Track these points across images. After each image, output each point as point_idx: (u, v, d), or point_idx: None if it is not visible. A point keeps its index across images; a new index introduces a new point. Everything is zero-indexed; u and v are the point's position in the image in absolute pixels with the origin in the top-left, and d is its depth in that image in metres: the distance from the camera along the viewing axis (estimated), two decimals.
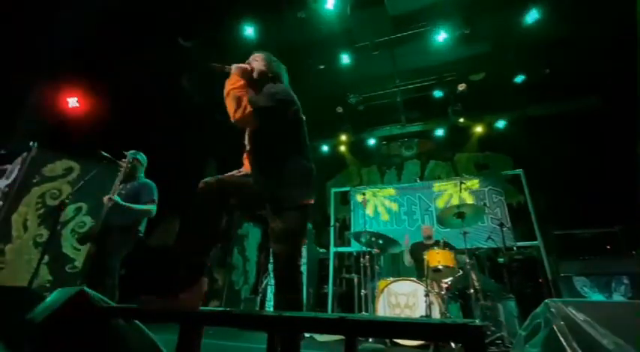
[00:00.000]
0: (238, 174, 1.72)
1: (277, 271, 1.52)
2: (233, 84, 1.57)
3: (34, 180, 4.04)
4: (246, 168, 1.75)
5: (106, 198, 2.73)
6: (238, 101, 1.51)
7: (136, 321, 1.41)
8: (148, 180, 3.05)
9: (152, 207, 2.89)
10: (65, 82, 4.73)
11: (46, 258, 3.76)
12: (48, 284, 3.78)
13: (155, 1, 4.45)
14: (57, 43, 4.26)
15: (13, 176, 3.94)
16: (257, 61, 1.77)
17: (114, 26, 4.50)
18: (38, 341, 1.28)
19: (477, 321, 0.74)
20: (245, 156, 1.77)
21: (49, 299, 1.45)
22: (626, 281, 3.94)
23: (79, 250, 4.11)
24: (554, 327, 0.95)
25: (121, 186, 2.97)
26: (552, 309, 1.00)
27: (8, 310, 1.54)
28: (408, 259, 4.34)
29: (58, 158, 4.24)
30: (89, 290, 1.36)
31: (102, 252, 2.68)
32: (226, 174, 1.69)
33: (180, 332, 1.13)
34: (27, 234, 3.89)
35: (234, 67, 1.67)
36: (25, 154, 4.02)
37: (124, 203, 2.74)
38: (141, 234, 2.87)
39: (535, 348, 1.00)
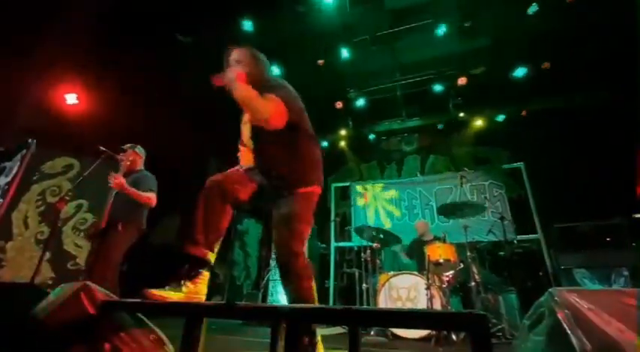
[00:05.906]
0: (242, 169, 1.69)
1: (277, 260, 1.54)
2: (249, 91, 1.45)
3: (34, 178, 4.03)
4: (247, 162, 1.72)
5: (112, 181, 2.73)
6: (275, 106, 1.43)
7: (140, 315, 1.41)
8: (147, 172, 3.05)
9: (152, 196, 2.90)
10: (64, 78, 4.70)
11: (48, 255, 3.76)
12: (50, 282, 3.79)
13: None
14: (56, 39, 4.23)
15: (13, 173, 3.93)
16: (246, 64, 1.64)
17: (113, 22, 4.47)
18: (42, 335, 1.28)
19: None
20: (242, 149, 1.74)
21: (52, 294, 1.45)
22: (625, 272, 3.96)
23: (80, 247, 4.11)
24: (559, 315, 0.96)
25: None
26: (556, 298, 1.00)
27: (11, 306, 1.54)
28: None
29: (57, 155, 4.23)
30: (93, 284, 1.36)
31: (105, 245, 2.68)
32: (232, 170, 1.67)
33: (185, 325, 1.13)
34: (28, 231, 3.89)
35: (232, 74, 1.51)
36: (24, 151, 4.00)
37: (129, 187, 2.74)
38: (144, 227, 2.88)
39: (539, 336, 1.01)
